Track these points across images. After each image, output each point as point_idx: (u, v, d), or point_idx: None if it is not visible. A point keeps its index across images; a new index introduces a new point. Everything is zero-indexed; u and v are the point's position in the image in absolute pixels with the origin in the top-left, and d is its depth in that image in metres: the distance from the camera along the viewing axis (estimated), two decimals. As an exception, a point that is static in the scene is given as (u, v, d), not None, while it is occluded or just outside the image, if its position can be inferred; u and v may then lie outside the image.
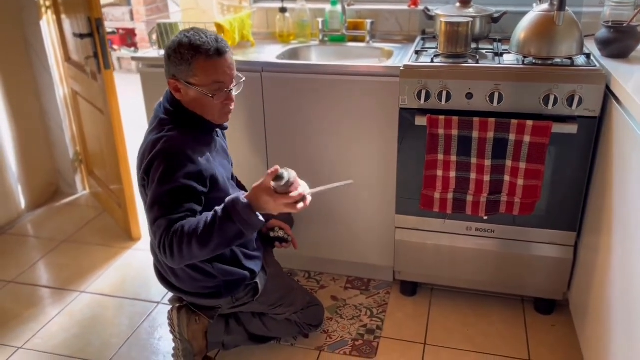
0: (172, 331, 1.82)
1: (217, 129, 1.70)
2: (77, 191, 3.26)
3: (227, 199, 1.51)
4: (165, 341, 2.04)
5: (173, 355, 1.87)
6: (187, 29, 1.58)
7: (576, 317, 1.97)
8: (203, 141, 1.62)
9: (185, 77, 1.55)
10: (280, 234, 1.90)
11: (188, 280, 1.72)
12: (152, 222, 1.52)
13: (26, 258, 2.62)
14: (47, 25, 2.91)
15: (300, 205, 1.52)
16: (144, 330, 2.12)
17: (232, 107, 1.64)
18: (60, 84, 3.03)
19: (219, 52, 1.53)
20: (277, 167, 1.46)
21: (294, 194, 1.49)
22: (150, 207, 1.52)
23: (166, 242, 1.48)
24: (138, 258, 2.59)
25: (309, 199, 1.55)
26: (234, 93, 1.63)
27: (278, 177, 1.45)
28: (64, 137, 3.12)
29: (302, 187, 1.53)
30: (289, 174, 1.47)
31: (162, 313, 2.20)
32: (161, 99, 1.67)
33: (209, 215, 1.50)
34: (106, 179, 2.89)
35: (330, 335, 2.06)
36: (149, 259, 1.93)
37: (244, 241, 1.59)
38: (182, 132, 1.58)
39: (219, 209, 1.50)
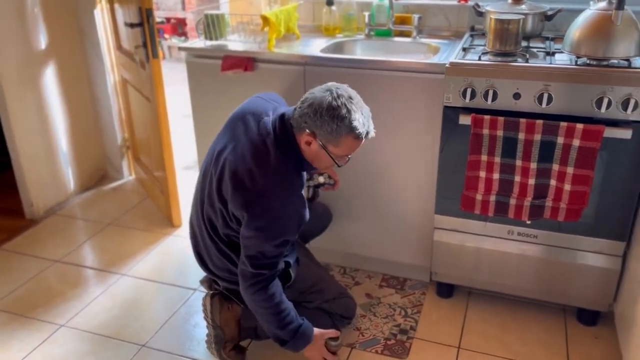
0: (205, 317, 1.87)
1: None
2: (124, 176, 3.35)
3: (304, 334, 1.73)
4: (200, 328, 2.08)
5: (206, 342, 1.91)
6: (345, 94, 1.55)
7: (621, 331, 1.89)
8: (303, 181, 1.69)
9: (326, 142, 1.58)
10: (321, 179, 1.96)
11: (225, 271, 1.79)
12: (252, 265, 1.63)
13: (73, 239, 2.72)
14: (101, 13, 2.99)
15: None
16: (180, 316, 2.16)
17: None
18: (111, 71, 3.12)
19: (367, 135, 1.59)
20: (339, 333, 1.84)
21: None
22: (251, 249, 1.62)
23: (255, 288, 1.64)
24: (177, 244, 2.64)
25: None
26: None
27: (335, 339, 1.81)
28: (113, 123, 3.21)
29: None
30: (340, 340, 1.84)
31: (198, 300, 2.24)
32: (266, 115, 1.68)
33: (291, 323, 1.69)
34: (151, 166, 2.96)
35: (362, 333, 2.04)
36: (188, 246, 1.97)
37: None
38: (291, 173, 1.62)
39: (297, 330, 1.71)
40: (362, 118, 1.56)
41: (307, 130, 1.56)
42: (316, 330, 1.78)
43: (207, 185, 1.73)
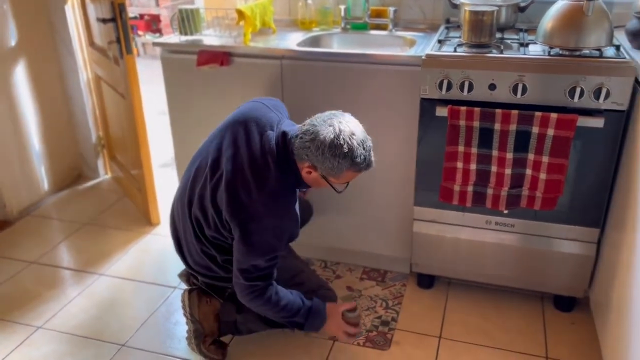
0: (184, 313, 1.86)
1: None
2: (100, 175, 3.30)
3: (317, 312, 1.76)
4: (180, 325, 2.06)
5: (186, 338, 1.90)
6: (347, 130, 1.53)
7: (597, 316, 1.93)
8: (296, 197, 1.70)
9: (327, 175, 1.59)
10: None
11: (205, 268, 1.78)
12: (246, 279, 1.64)
13: (48, 239, 2.67)
14: (72, 9, 2.93)
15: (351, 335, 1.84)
16: (161, 314, 2.14)
17: None
18: (84, 68, 3.06)
19: (368, 168, 1.60)
20: (355, 303, 1.88)
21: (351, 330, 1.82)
22: (243, 264, 1.62)
23: (253, 295, 1.66)
24: (156, 243, 2.61)
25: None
26: None
27: (352, 310, 1.84)
28: (87, 122, 3.16)
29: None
30: (358, 311, 1.88)
31: (178, 297, 2.22)
32: (270, 128, 1.66)
33: (299, 309, 1.72)
34: (127, 164, 2.92)
35: (344, 326, 2.05)
36: (167, 244, 1.96)
37: None
38: (288, 192, 1.64)
39: (309, 312, 1.74)
40: (363, 153, 1.56)
41: (308, 162, 1.58)
42: (330, 304, 1.81)
43: (200, 187, 1.70)
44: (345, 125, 1.55)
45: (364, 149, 1.56)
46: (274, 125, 1.67)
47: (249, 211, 1.58)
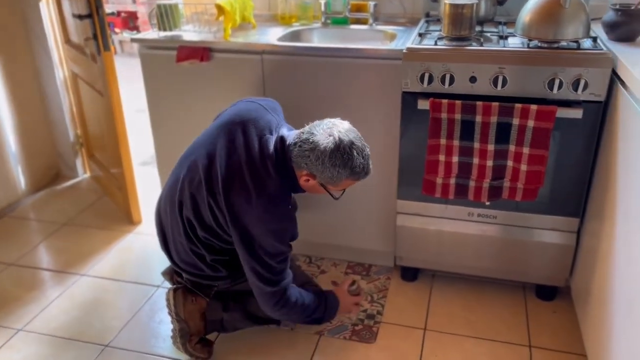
0: (169, 312, 1.84)
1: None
2: (78, 174, 3.25)
3: (332, 301, 1.88)
4: (165, 324, 2.04)
5: (171, 337, 1.88)
6: (346, 140, 1.54)
7: (578, 304, 1.96)
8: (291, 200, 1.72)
9: (325, 183, 1.60)
10: None
11: (191, 266, 1.77)
12: (268, 284, 1.65)
13: (27, 241, 2.62)
14: (47, 6, 2.87)
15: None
16: (144, 313, 2.12)
17: None
18: (60, 65, 3.01)
19: (366, 176, 1.62)
20: (353, 278, 2.09)
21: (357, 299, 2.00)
22: (260, 273, 1.63)
23: (281, 304, 1.69)
24: (138, 241, 2.58)
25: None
26: None
27: (351, 284, 2.00)
28: (64, 120, 3.10)
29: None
30: (357, 283, 2.05)
31: (162, 296, 2.20)
32: (269, 132, 1.65)
33: (319, 304, 1.81)
34: (107, 162, 2.87)
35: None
36: (149, 243, 1.93)
37: None
38: (285, 197, 1.65)
39: (326, 305, 1.84)
40: (362, 162, 1.57)
41: (307, 171, 1.58)
42: (336, 289, 1.95)
43: (193, 187, 1.66)
44: (345, 135, 1.55)
45: (362, 158, 1.57)
46: (272, 129, 1.66)
47: (250, 216, 1.57)
